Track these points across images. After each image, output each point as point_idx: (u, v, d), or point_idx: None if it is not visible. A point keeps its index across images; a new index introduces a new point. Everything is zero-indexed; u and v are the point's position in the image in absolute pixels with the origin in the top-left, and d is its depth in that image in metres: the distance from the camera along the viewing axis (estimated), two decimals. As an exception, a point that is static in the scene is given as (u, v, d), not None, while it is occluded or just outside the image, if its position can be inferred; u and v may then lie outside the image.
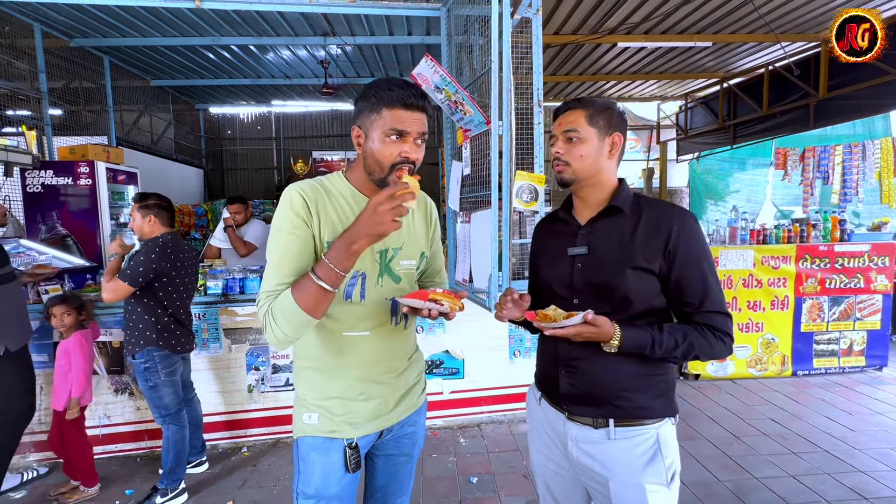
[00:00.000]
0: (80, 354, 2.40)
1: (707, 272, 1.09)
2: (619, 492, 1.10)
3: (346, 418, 1.17)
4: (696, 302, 1.08)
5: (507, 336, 3.24)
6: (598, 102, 1.16)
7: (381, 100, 1.07)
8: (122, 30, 4.60)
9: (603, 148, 1.15)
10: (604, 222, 1.17)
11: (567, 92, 8.13)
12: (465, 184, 2.88)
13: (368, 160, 1.11)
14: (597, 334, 1.02)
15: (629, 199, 1.16)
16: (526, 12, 2.82)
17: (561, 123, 1.17)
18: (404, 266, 1.22)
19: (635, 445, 1.10)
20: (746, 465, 2.66)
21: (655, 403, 1.12)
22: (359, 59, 5.81)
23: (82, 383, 2.40)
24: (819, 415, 3.29)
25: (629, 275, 1.09)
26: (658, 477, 1.09)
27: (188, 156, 7.83)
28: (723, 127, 7.16)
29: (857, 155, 5.30)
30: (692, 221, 1.10)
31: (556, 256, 1.23)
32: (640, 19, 4.85)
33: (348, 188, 1.17)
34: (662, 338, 1.05)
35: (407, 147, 1.07)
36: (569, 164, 1.15)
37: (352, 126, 1.14)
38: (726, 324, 1.08)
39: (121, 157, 4.39)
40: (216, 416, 2.95)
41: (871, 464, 2.64)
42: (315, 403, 1.18)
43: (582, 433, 1.15)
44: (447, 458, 2.81)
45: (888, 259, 4.00)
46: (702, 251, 1.09)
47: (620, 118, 1.17)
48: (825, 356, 4.04)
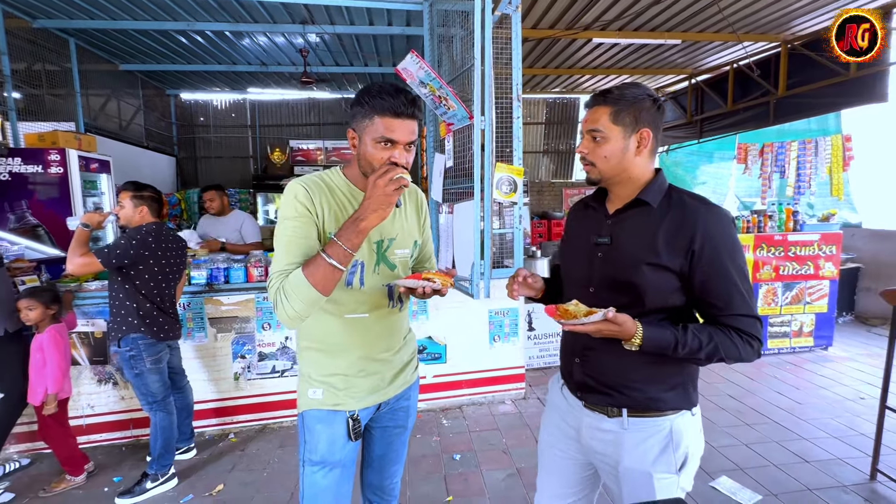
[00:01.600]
0: (54, 349, 2.37)
1: (735, 274, 1.04)
2: (627, 475, 1.13)
3: (348, 392, 1.27)
4: (722, 304, 1.04)
5: (487, 322, 3.38)
6: (627, 96, 1.09)
7: (374, 108, 1.13)
8: (89, 11, 4.43)
9: (629, 146, 1.10)
10: (630, 214, 1.14)
11: (544, 84, 8.27)
12: (448, 175, 2.97)
13: (361, 161, 1.20)
14: (618, 332, 1.00)
15: (660, 193, 1.12)
16: (506, 9, 2.91)
17: (587, 121, 1.14)
18: (399, 255, 1.32)
19: (648, 437, 1.11)
20: (706, 436, 2.88)
21: (668, 395, 1.11)
22: (338, 49, 5.76)
23: (58, 379, 2.38)
24: (771, 390, 3.59)
25: (645, 271, 1.06)
26: (668, 466, 1.10)
27: (159, 143, 7.58)
28: (691, 121, 7.48)
29: (811, 151, 5.67)
30: (723, 222, 1.05)
31: (581, 243, 1.23)
32: (614, 17, 5.02)
33: (346, 183, 1.26)
34: (687, 338, 1.01)
35: (396, 153, 1.15)
36: (594, 165, 1.14)
37: (348, 128, 1.22)
38: (755, 327, 1.03)
39: (93, 145, 4.27)
40: (203, 404, 2.99)
41: (814, 432, 2.94)
42: (319, 380, 1.27)
43: (596, 421, 1.17)
44: (431, 438, 2.95)
45: (835, 248, 4.35)
46: (731, 253, 1.04)
47: (651, 111, 1.10)
48: (778, 337, 4.38)
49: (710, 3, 4.61)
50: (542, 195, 9.55)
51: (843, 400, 3.39)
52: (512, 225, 3.13)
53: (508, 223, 3.34)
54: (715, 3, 4.54)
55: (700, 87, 7.19)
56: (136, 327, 2.33)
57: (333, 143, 8.14)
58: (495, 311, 3.38)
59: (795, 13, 5.01)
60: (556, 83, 8.24)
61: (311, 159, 8.08)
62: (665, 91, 8.28)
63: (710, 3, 4.62)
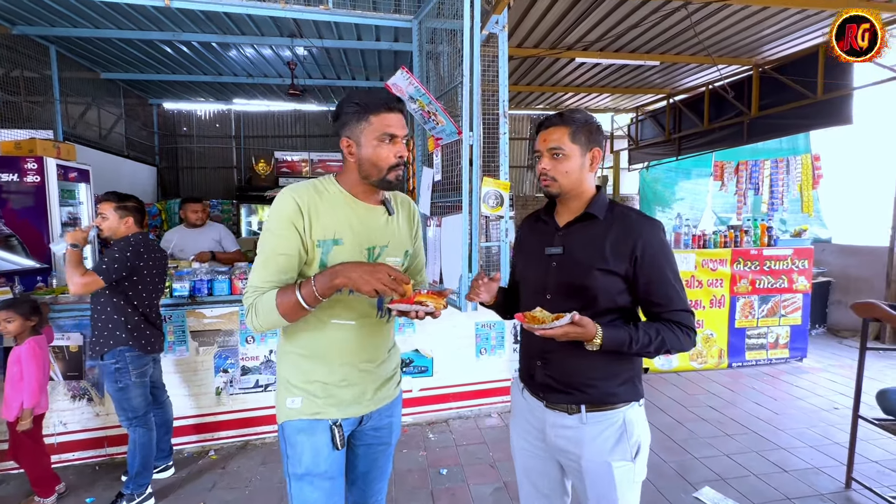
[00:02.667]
0: (32, 362, 2.28)
1: (671, 276, 1.19)
2: (589, 467, 1.23)
3: (328, 401, 1.25)
4: (664, 302, 1.18)
5: (474, 335, 3.40)
6: (579, 119, 1.24)
7: (367, 107, 1.17)
8: (71, 19, 4.37)
9: (585, 163, 1.25)
10: (578, 226, 1.27)
11: (528, 101, 8.46)
12: (436, 189, 3.01)
13: (365, 165, 1.21)
14: (582, 334, 1.10)
15: (604, 207, 1.26)
16: (493, 28, 3.00)
17: (546, 140, 1.25)
18: (390, 263, 1.31)
19: (604, 428, 1.22)
20: (688, 447, 2.96)
21: (621, 389, 1.23)
22: (326, 62, 5.80)
23: (35, 393, 2.29)
24: (750, 401, 3.67)
25: (597, 275, 1.19)
26: (624, 454, 1.21)
27: (140, 152, 7.44)
28: (669, 139, 7.73)
29: (783, 169, 5.91)
30: (658, 231, 1.21)
31: (535, 254, 1.34)
32: (596, 38, 5.20)
33: (340, 191, 1.26)
34: (639, 335, 1.14)
35: (398, 148, 1.20)
36: (556, 180, 1.25)
37: (340, 138, 1.23)
38: (690, 320, 1.19)
39: (72, 154, 4.18)
40: (183, 420, 2.91)
41: (791, 441, 3.01)
42: (298, 386, 1.25)
43: (558, 419, 1.27)
44: (417, 452, 2.92)
45: (807, 262, 4.52)
46: (666, 257, 1.20)
47: (599, 132, 1.27)
48: (756, 349, 4.50)
49: (687, 27, 4.82)
50: (527, 209, 9.68)
51: (818, 410, 3.49)
52: (498, 238, 3.18)
53: (495, 237, 3.39)
54: (691, 27, 4.75)
55: (678, 107, 7.45)
56: (123, 340, 2.26)
57: (319, 154, 8.12)
58: (482, 323, 3.39)
59: (765, 39, 5.28)
60: (540, 100, 8.44)
61: (296, 170, 8.04)
62: (645, 109, 8.56)
63: (686, 27, 4.84)
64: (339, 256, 1.21)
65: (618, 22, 4.82)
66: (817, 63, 5.11)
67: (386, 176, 1.21)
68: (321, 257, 1.20)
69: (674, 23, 4.80)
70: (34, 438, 2.37)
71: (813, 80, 5.16)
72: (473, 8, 2.43)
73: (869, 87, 4.90)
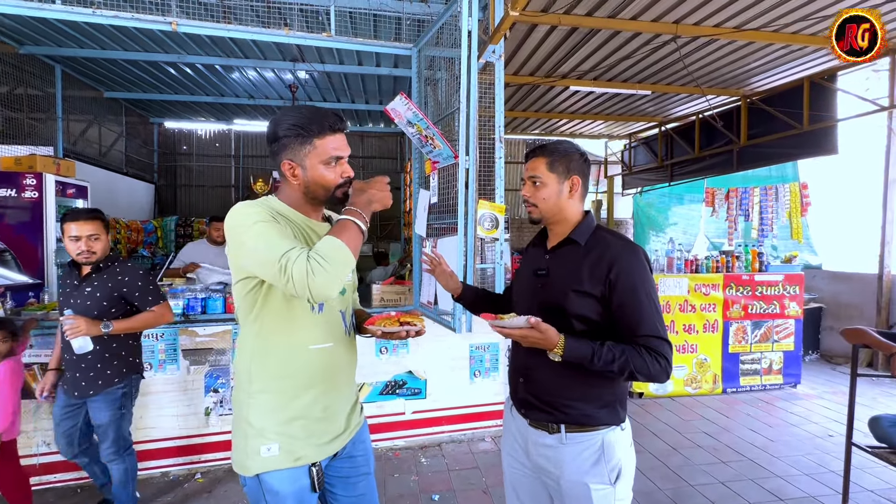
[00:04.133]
0: (8, 385, 2.16)
1: (644, 300, 1.19)
2: (567, 488, 1.24)
3: (309, 441, 1.18)
4: (634, 325, 1.19)
5: (468, 357, 3.38)
6: (559, 149, 1.32)
7: (310, 131, 1.14)
8: (79, 40, 4.48)
9: (563, 190, 1.31)
10: (562, 251, 1.34)
11: (524, 126, 8.65)
12: (433, 211, 3.05)
13: (311, 187, 1.18)
14: (542, 340, 1.14)
15: (587, 232, 1.31)
16: (490, 57, 3.10)
17: (528, 169, 1.36)
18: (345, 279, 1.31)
19: (583, 449, 1.23)
20: (683, 474, 2.92)
21: (600, 413, 1.24)
22: (327, 86, 5.95)
23: (7, 416, 2.15)
24: (745, 427, 3.65)
25: (571, 296, 1.24)
26: (602, 477, 1.21)
27: (139, 170, 7.51)
28: (662, 165, 7.89)
29: (772, 196, 6.04)
30: (636, 256, 1.22)
31: (527, 276, 1.42)
32: (589, 68, 5.37)
33: (289, 209, 1.22)
34: (602, 351, 1.15)
35: (344, 169, 1.20)
36: (535, 206, 1.34)
37: (282, 160, 1.17)
38: (661, 347, 1.16)
39: (72, 170, 4.21)
40: (169, 441, 2.85)
41: (787, 469, 2.99)
42: (275, 431, 1.15)
43: (539, 438, 1.29)
44: (409, 477, 2.87)
45: (798, 288, 4.57)
46: (642, 281, 1.20)
47: (579, 162, 1.32)
48: (750, 375, 4.49)
49: (676, 59, 5.00)
50: (522, 232, 9.76)
51: (813, 437, 3.47)
52: (493, 260, 3.20)
53: (490, 258, 3.41)
54: (680, 59, 4.93)
55: (670, 134, 7.64)
56: (137, 366, 2.23)
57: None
58: (476, 345, 3.38)
59: (753, 71, 5.48)
60: (535, 125, 8.63)
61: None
62: (638, 136, 8.76)
63: (676, 59, 5.02)
64: None
65: (610, 53, 4.99)
66: (803, 95, 5.29)
67: (334, 193, 1.20)
68: None
69: (664, 55, 4.98)
70: (11, 459, 2.28)
71: (799, 111, 5.33)
72: (471, 38, 2.52)
73: (853, 118, 5.07)
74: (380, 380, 3.21)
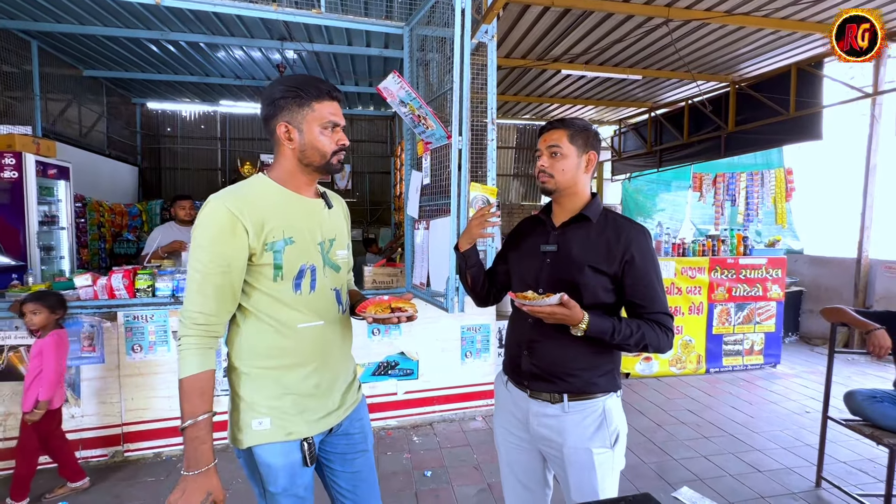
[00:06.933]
0: (53, 355, 2.33)
1: (655, 280, 1.28)
2: (570, 454, 1.28)
3: (302, 417, 1.19)
4: (647, 303, 1.26)
5: (460, 338, 3.42)
6: (578, 124, 1.35)
7: (309, 93, 1.14)
8: (56, 15, 4.30)
9: (581, 164, 1.34)
10: (573, 227, 1.35)
11: (515, 110, 8.60)
12: (425, 192, 3.04)
13: (308, 151, 1.18)
14: (568, 316, 1.16)
15: (598, 211, 1.35)
16: (482, 37, 3.07)
17: (546, 140, 1.35)
18: (340, 256, 1.30)
19: (585, 416, 1.28)
20: (667, 449, 3.02)
21: (602, 380, 1.30)
22: (315, 66, 5.82)
23: (52, 386, 2.33)
24: (726, 405, 3.78)
25: (587, 272, 1.27)
26: (603, 441, 1.27)
27: (122, 151, 7.30)
28: (651, 151, 7.95)
29: (758, 182, 6.14)
30: (647, 238, 1.30)
31: (530, 251, 1.42)
32: (581, 51, 5.35)
33: (277, 189, 1.20)
34: (622, 327, 1.21)
35: (340, 136, 1.21)
36: (552, 177, 1.34)
37: (277, 124, 1.16)
38: (670, 322, 1.27)
39: (52, 150, 4.08)
40: (161, 423, 2.85)
41: (765, 443, 3.11)
42: (266, 405, 1.16)
43: (541, 409, 1.32)
44: (402, 455, 2.92)
45: (780, 271, 4.69)
46: (653, 263, 1.29)
47: (596, 138, 1.37)
48: (732, 355, 4.63)
49: (668, 44, 5.00)
50: (513, 216, 9.79)
51: (790, 413, 3.61)
52: (485, 243, 3.22)
53: (481, 241, 3.43)
54: (672, 44, 4.93)
55: (659, 120, 7.68)
56: None
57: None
58: (467, 327, 3.42)
59: (742, 57, 5.51)
60: (526, 110, 8.59)
61: (282, 174, 7.99)
62: (628, 122, 8.79)
63: (667, 44, 5.02)
64: (293, 255, 1.16)
65: (602, 36, 4.97)
66: (790, 81, 5.35)
67: (330, 160, 1.20)
68: (275, 260, 1.14)
69: (655, 39, 4.98)
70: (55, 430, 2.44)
71: (786, 97, 5.40)
72: (464, 17, 2.49)
73: (838, 105, 5.14)
74: (372, 361, 3.24)
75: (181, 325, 1.10)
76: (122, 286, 2.82)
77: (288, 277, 1.17)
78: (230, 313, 1.15)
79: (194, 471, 1.06)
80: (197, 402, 1.08)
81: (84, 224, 5.40)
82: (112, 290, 2.81)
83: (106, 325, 2.76)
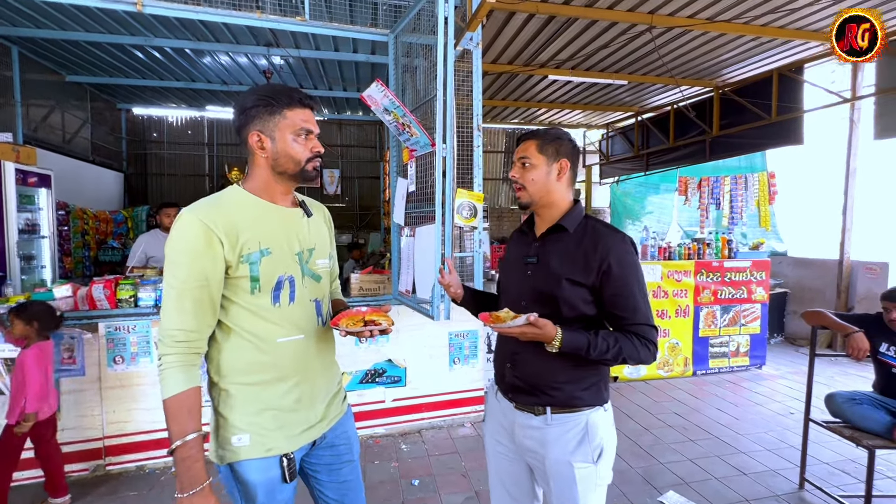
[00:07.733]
0: (33, 368, 2.30)
1: (636, 290, 1.23)
2: (552, 467, 1.28)
3: (282, 432, 1.17)
4: (627, 315, 1.22)
5: (448, 344, 3.41)
6: (550, 134, 1.34)
7: (281, 102, 1.14)
8: (36, 20, 4.25)
9: (552, 172, 1.32)
10: (552, 238, 1.34)
11: (503, 115, 8.65)
12: (411, 200, 3.04)
13: (281, 160, 1.17)
14: (540, 335, 1.15)
15: (577, 220, 1.32)
16: (467, 44, 3.08)
17: (518, 152, 1.36)
18: (320, 265, 1.28)
19: (568, 430, 1.27)
20: (654, 452, 3.04)
21: (586, 394, 1.27)
22: (303, 72, 5.81)
23: (36, 398, 2.30)
24: (712, 407, 3.81)
25: (565, 285, 1.25)
26: (585, 456, 1.25)
27: (106, 158, 7.20)
28: (638, 155, 8.03)
29: (742, 185, 6.24)
30: (627, 246, 1.25)
31: (516, 263, 1.41)
32: (567, 57, 5.40)
33: (249, 197, 1.18)
34: (597, 341, 1.18)
35: (314, 143, 1.20)
36: (524, 188, 1.33)
37: (248, 133, 1.16)
38: (650, 333, 1.22)
39: (33, 158, 4.02)
40: (144, 435, 2.80)
41: (750, 445, 3.14)
42: (246, 422, 1.14)
43: (525, 420, 1.32)
44: (389, 463, 2.90)
45: (765, 273, 4.75)
46: (634, 272, 1.24)
47: (569, 146, 1.34)
48: (718, 357, 4.68)
49: (652, 50, 5.06)
50: (502, 221, 9.82)
51: (775, 415, 3.65)
52: (472, 249, 3.22)
53: (469, 247, 3.43)
54: (655, 50, 5.00)
55: (646, 124, 7.77)
56: None
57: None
58: (455, 333, 3.42)
59: (725, 63, 5.60)
60: (515, 114, 8.64)
61: (270, 179, 7.95)
62: (615, 126, 8.88)
63: (651, 50, 5.08)
64: (270, 267, 1.15)
65: (587, 42, 5.02)
66: (772, 86, 5.45)
67: (305, 167, 1.19)
68: (251, 272, 1.13)
69: (639, 45, 5.04)
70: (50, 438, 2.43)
71: (768, 102, 5.50)
72: (448, 25, 2.50)
73: (818, 110, 5.25)
74: (360, 368, 3.22)
75: (161, 344, 1.08)
76: (103, 296, 2.78)
77: (266, 290, 1.15)
78: (211, 328, 1.14)
79: (188, 492, 1.04)
80: (185, 422, 1.06)
81: (67, 232, 5.31)
82: (93, 300, 2.77)
83: (87, 336, 2.71)
